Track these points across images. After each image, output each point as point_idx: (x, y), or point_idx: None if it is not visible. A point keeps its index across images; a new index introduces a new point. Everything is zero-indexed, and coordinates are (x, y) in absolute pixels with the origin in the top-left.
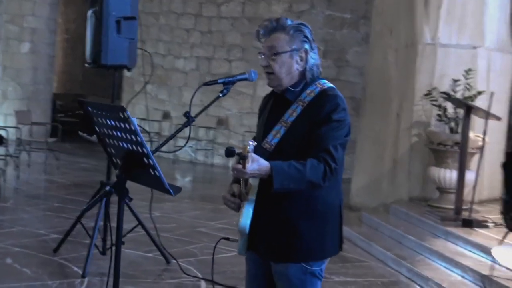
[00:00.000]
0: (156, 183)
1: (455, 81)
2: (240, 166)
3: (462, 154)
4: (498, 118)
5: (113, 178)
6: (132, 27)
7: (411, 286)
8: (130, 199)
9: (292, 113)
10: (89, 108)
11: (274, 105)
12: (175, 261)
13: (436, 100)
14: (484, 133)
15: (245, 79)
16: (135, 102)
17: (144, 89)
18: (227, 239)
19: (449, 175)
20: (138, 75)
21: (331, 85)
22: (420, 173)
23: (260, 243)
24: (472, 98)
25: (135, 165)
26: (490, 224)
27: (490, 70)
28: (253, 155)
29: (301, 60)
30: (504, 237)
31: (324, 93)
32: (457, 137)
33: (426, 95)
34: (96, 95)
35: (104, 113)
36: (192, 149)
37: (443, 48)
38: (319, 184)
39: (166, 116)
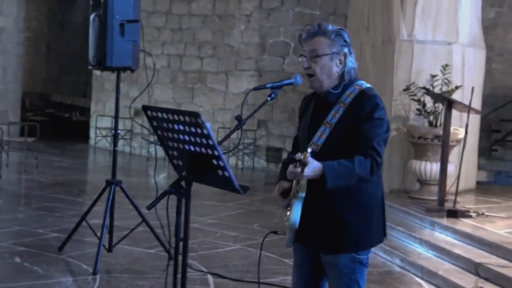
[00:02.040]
0: (223, 183)
1: (433, 76)
2: (298, 170)
3: (444, 146)
4: (478, 112)
5: (119, 177)
6: (135, 30)
7: (407, 275)
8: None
9: (335, 115)
10: (151, 113)
11: (316, 107)
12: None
13: (415, 95)
14: (467, 127)
15: (291, 84)
16: (105, 100)
17: (147, 88)
18: (275, 232)
19: (430, 167)
20: (109, 74)
21: (368, 85)
22: (399, 166)
23: (311, 236)
24: (450, 92)
25: (201, 167)
26: (473, 214)
27: (465, 65)
28: (309, 158)
29: (340, 63)
30: None
31: (363, 93)
32: (437, 131)
33: (404, 90)
34: (61, 93)
35: (171, 118)
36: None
37: (420, 44)
38: (367, 178)
39: (137, 113)
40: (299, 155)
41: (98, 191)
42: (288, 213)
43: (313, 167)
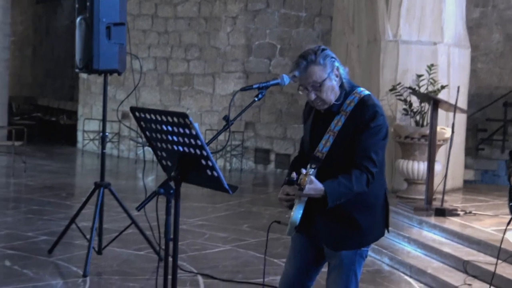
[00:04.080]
0: (212, 183)
1: (419, 76)
2: (298, 191)
3: (431, 146)
4: (464, 111)
5: (107, 180)
6: (122, 33)
7: (395, 274)
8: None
9: (337, 123)
10: (139, 114)
11: (318, 115)
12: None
13: (401, 95)
14: (453, 126)
15: (278, 84)
16: (92, 103)
17: (134, 91)
18: (279, 222)
19: (417, 167)
20: (95, 77)
21: (367, 92)
22: (387, 165)
23: (317, 232)
24: (436, 92)
25: (190, 167)
26: (461, 212)
27: (450, 65)
28: (312, 178)
29: (337, 76)
30: (508, 223)
31: (362, 102)
32: (424, 130)
33: (391, 90)
34: (47, 97)
35: (159, 119)
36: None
37: (405, 44)
38: (364, 191)
39: (125, 116)
40: (295, 176)
41: (87, 194)
42: (291, 212)
43: (315, 188)
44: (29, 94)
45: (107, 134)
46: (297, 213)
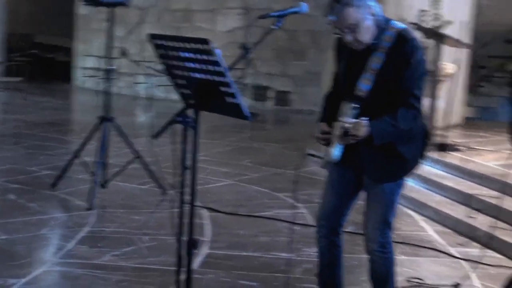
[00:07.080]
0: (231, 110)
1: (423, 11)
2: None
3: (434, 82)
4: (469, 46)
5: (112, 113)
6: None
7: (398, 208)
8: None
9: (377, 61)
10: (157, 41)
11: (354, 53)
12: (171, 191)
13: None
14: (456, 62)
15: (296, 12)
16: (91, 39)
17: (136, 27)
18: (312, 155)
19: None
20: (95, 13)
21: (402, 25)
22: None
23: (360, 165)
24: (440, 27)
25: (208, 94)
26: (462, 148)
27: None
28: (362, 122)
29: (372, 15)
30: None
31: (401, 37)
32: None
33: None
34: (44, 33)
35: (178, 46)
36: (152, 85)
37: None
38: (412, 127)
39: (123, 53)
40: (349, 125)
41: (87, 130)
42: (330, 149)
43: (366, 132)
44: (25, 31)
45: (113, 67)
46: (337, 152)
